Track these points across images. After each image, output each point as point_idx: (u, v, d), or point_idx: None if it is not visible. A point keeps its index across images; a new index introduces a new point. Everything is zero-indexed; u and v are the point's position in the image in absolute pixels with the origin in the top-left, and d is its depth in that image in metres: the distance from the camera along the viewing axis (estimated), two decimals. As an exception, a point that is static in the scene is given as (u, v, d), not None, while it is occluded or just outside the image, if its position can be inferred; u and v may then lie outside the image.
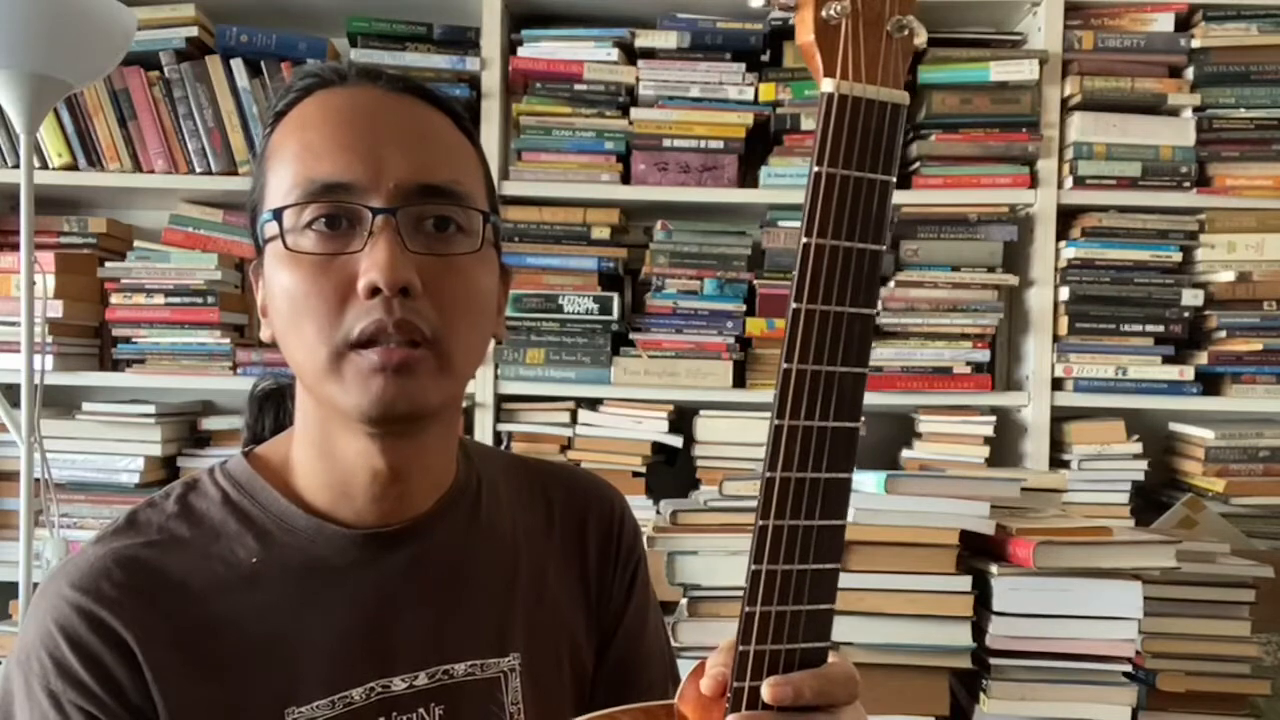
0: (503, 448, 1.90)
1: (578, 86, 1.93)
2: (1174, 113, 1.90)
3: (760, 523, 0.62)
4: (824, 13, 0.60)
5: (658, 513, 1.76)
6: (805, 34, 0.61)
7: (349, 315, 0.67)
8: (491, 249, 0.75)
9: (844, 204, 0.60)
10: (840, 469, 0.62)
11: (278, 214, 0.69)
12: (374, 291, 0.66)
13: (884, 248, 0.62)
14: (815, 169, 0.60)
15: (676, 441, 1.92)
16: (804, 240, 0.60)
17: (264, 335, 0.74)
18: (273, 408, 0.86)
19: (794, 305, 0.61)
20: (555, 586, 0.82)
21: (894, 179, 0.62)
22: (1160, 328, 1.89)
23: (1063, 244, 1.90)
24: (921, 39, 0.62)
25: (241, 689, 0.69)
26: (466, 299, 0.71)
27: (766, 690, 0.62)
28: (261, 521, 0.74)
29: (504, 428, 1.93)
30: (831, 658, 0.65)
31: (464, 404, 1.89)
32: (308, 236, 0.68)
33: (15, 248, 1.83)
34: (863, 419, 0.63)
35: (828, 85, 0.60)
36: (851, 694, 0.65)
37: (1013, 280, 1.90)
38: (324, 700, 0.70)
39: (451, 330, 0.69)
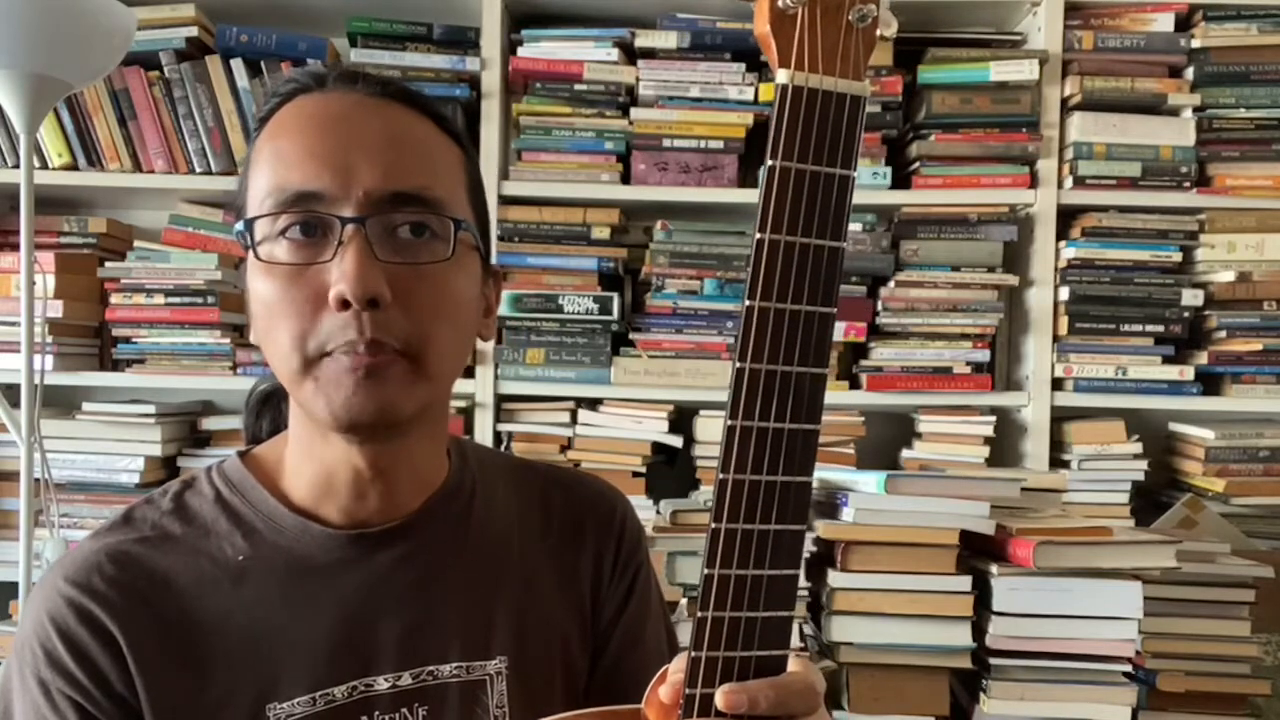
0: (503, 448, 1.90)
1: (578, 86, 1.93)
2: (1174, 113, 1.90)
3: (714, 525, 0.60)
4: (780, 2, 0.58)
5: (658, 513, 1.77)
6: (761, 24, 0.59)
7: (322, 327, 0.67)
8: (472, 253, 0.74)
9: (800, 199, 0.59)
10: (799, 472, 0.60)
11: (249, 224, 0.69)
12: (344, 303, 0.66)
13: (844, 244, 0.60)
14: (769, 162, 0.58)
15: (676, 441, 1.92)
16: (757, 235, 0.59)
17: (250, 337, 0.75)
18: (270, 409, 0.86)
19: (747, 302, 0.59)
20: (548, 590, 0.82)
21: (854, 173, 0.60)
22: (1160, 328, 1.89)
23: (1063, 244, 1.90)
24: (890, 30, 0.60)
25: (223, 684, 0.70)
26: (440, 306, 0.70)
27: (720, 697, 0.60)
28: (250, 520, 0.75)
29: (504, 428, 1.93)
30: (793, 665, 0.64)
31: (464, 404, 1.91)
32: (281, 245, 0.68)
33: (15, 248, 1.83)
34: (862, 424, 0.62)
35: (782, 76, 0.58)
36: (811, 705, 0.63)
37: (1013, 280, 1.90)
38: (305, 697, 0.71)
39: (425, 338, 0.69)
